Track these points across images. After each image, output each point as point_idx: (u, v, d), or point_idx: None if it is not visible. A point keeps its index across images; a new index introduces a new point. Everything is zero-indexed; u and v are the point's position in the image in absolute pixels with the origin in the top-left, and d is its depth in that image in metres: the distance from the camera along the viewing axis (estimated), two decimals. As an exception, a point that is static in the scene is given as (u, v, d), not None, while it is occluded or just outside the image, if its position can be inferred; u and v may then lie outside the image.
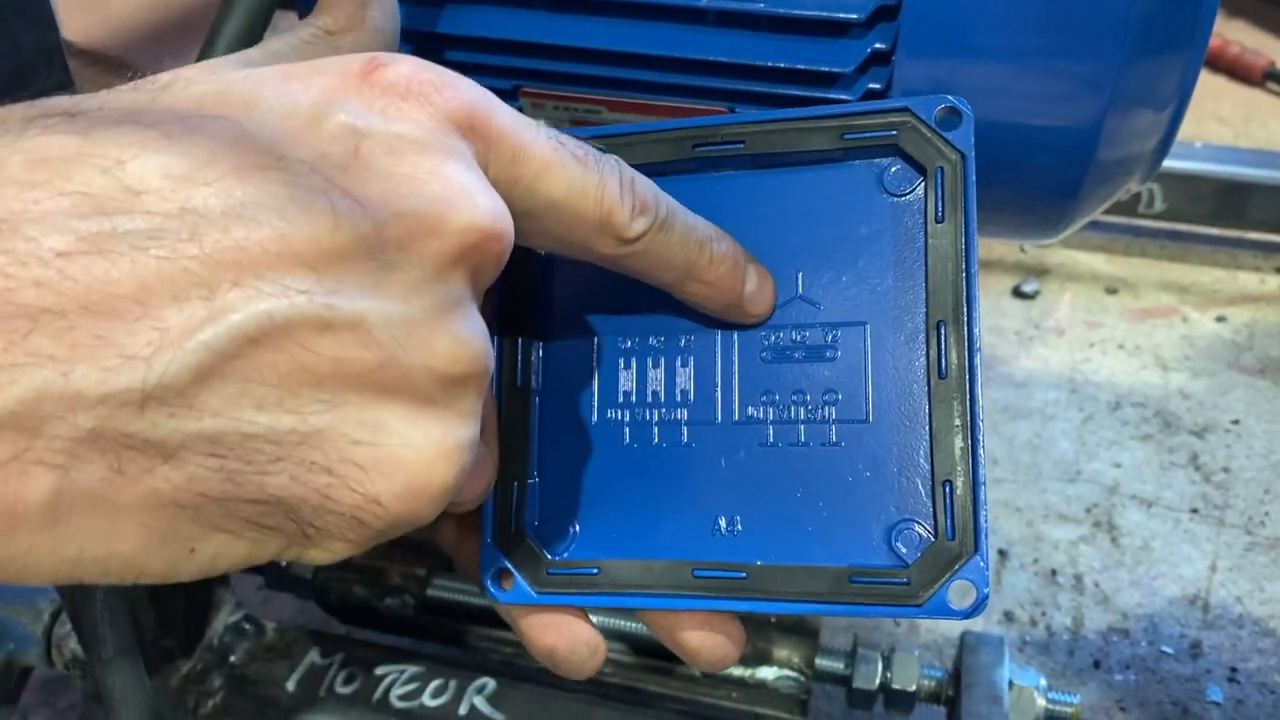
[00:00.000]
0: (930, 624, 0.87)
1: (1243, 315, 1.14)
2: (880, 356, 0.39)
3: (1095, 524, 0.94)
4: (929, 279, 0.39)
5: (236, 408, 0.25)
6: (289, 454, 0.27)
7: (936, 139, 0.39)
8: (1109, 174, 0.57)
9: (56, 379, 0.23)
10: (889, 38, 0.51)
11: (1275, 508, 0.95)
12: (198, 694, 0.67)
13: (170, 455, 0.25)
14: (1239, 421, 1.02)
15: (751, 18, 0.53)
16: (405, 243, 0.28)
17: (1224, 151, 1.20)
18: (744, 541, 0.39)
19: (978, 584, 0.36)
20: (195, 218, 0.25)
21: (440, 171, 0.29)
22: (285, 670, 0.68)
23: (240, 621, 0.70)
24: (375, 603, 0.77)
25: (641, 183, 0.35)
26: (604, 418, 0.42)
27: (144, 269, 0.24)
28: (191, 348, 0.24)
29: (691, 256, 0.37)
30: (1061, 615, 0.87)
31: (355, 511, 0.28)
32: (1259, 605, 0.87)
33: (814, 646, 0.72)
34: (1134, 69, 0.51)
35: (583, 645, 0.40)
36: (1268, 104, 1.48)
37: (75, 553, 0.25)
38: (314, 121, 0.28)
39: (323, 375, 0.26)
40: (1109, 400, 1.05)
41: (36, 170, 0.24)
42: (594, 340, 0.42)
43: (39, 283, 0.23)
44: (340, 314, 0.26)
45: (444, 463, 0.29)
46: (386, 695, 0.67)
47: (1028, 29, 0.51)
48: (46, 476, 0.24)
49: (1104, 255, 1.23)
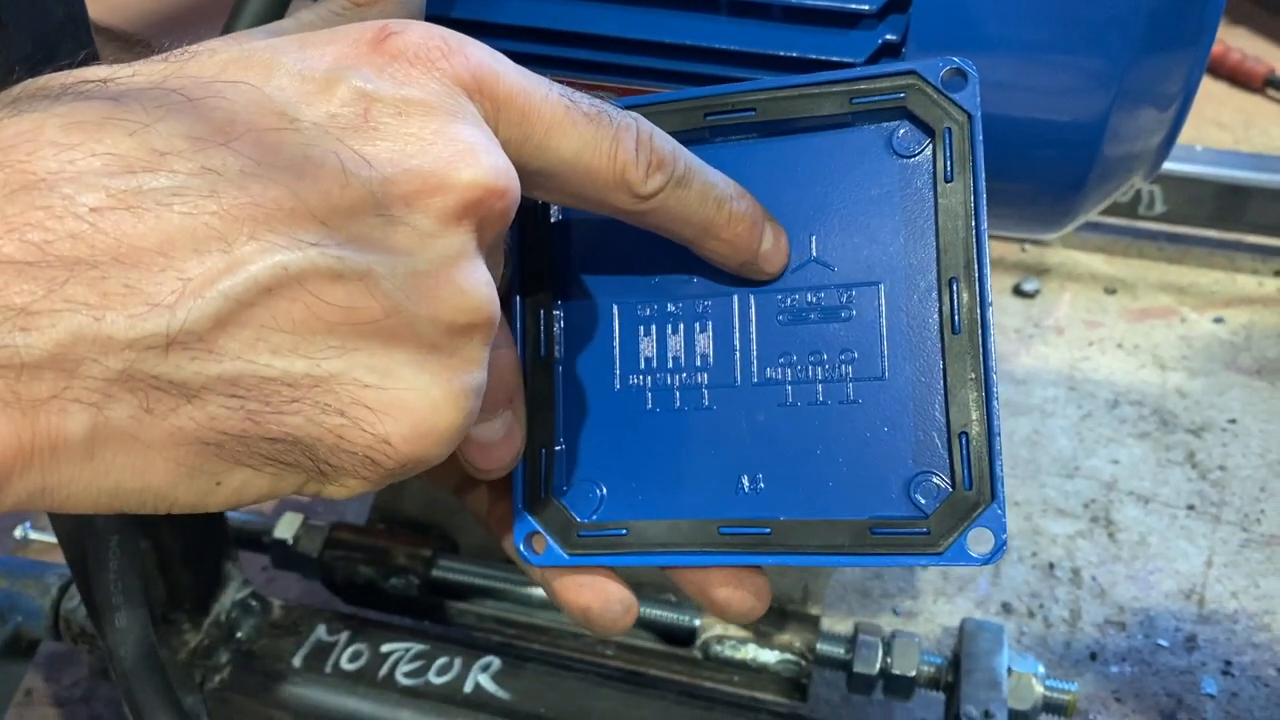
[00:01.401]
0: (931, 613, 0.87)
1: (1240, 317, 1.15)
2: (894, 315, 0.40)
3: (1093, 519, 0.95)
4: (940, 237, 0.39)
5: (253, 352, 0.27)
6: (303, 396, 0.28)
7: (943, 100, 0.40)
8: (1113, 170, 0.58)
9: (90, 324, 0.25)
10: (900, 29, 0.52)
11: (1270, 505, 0.96)
12: (205, 668, 0.67)
13: (194, 395, 0.27)
14: (1235, 421, 1.03)
15: (764, 7, 0.54)
16: (411, 199, 0.29)
17: (1224, 155, 1.21)
18: (767, 498, 0.40)
19: (995, 531, 0.37)
20: (214, 176, 0.27)
21: (446, 132, 0.30)
22: (291, 646, 0.69)
23: (247, 598, 0.70)
24: (380, 583, 0.77)
25: (660, 139, 0.36)
26: (626, 384, 0.43)
27: (168, 224, 0.26)
28: (211, 296, 0.26)
29: (710, 214, 0.38)
30: (1059, 608, 0.88)
31: (367, 451, 0.30)
32: (1253, 601, 0.88)
33: (815, 631, 0.73)
34: (1140, 66, 0.52)
35: (616, 603, 0.41)
36: (1268, 110, 1.49)
37: (113, 485, 0.27)
38: (327, 86, 0.30)
39: (333, 323, 0.28)
40: (1107, 398, 1.06)
41: (72, 132, 0.26)
42: (614, 309, 0.43)
43: (74, 236, 0.25)
44: (349, 265, 0.28)
45: (449, 407, 0.31)
46: (392, 672, 0.68)
47: (1037, 23, 0.51)
48: (83, 413, 0.26)
49: (1103, 256, 1.24)
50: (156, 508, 0.29)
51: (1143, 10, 0.50)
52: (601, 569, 0.42)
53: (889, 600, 0.89)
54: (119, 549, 0.56)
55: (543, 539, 0.41)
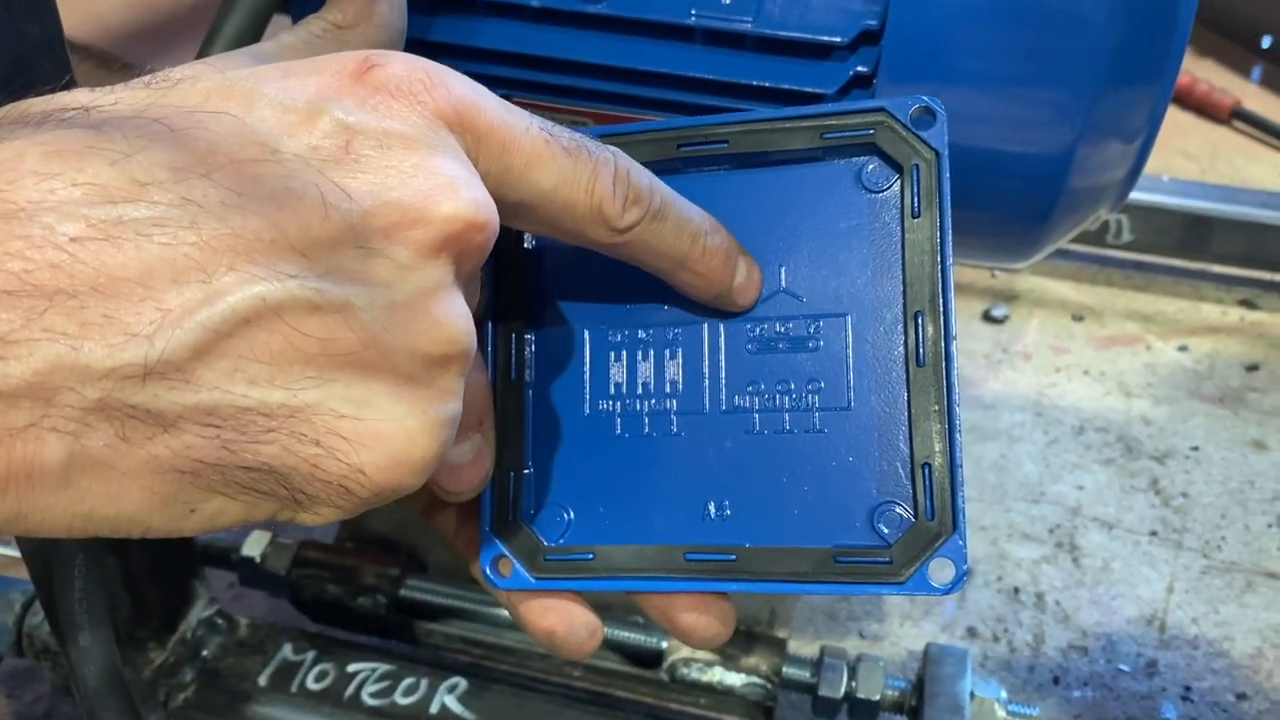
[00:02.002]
0: (897, 636, 0.88)
1: (1204, 345, 1.17)
2: (861, 346, 0.41)
3: (1058, 544, 0.96)
4: (906, 271, 0.40)
5: (230, 382, 0.27)
6: (280, 426, 0.28)
7: (912, 138, 0.41)
8: (1079, 201, 0.59)
9: (68, 353, 0.25)
10: (871, 61, 0.53)
11: (1230, 532, 0.97)
12: (169, 687, 0.67)
13: (170, 425, 0.27)
14: (1198, 448, 1.05)
15: (738, 37, 0.54)
16: (390, 231, 0.30)
17: (1190, 186, 1.23)
18: (733, 525, 0.40)
19: (956, 561, 0.37)
20: (195, 207, 0.27)
21: (426, 165, 0.30)
22: (257, 665, 0.69)
23: (214, 616, 0.70)
24: (348, 601, 0.77)
25: (637, 173, 0.37)
26: (596, 409, 0.43)
27: (147, 254, 0.26)
28: (190, 327, 0.26)
29: (685, 248, 0.39)
30: (1023, 632, 0.89)
31: (342, 481, 0.30)
32: (1213, 627, 0.89)
33: (781, 655, 0.73)
34: (1106, 100, 0.53)
35: (581, 627, 0.41)
36: (1234, 142, 1.52)
37: (87, 511, 0.27)
38: (309, 117, 0.30)
39: (311, 354, 0.28)
40: (1073, 424, 1.07)
41: (53, 162, 0.26)
42: (585, 334, 0.44)
43: (54, 266, 0.25)
44: (328, 297, 0.28)
45: (425, 437, 0.31)
46: (358, 692, 0.67)
47: (1006, 57, 0.52)
48: (59, 442, 0.26)
49: (1071, 283, 1.26)
50: (130, 533, 0.29)
51: (1108, 45, 0.51)
52: (567, 593, 0.42)
53: (855, 624, 0.90)
54: (85, 566, 0.55)
55: (509, 562, 0.42)
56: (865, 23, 0.52)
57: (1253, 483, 1.01)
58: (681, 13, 0.55)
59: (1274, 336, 1.18)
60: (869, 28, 0.52)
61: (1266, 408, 1.09)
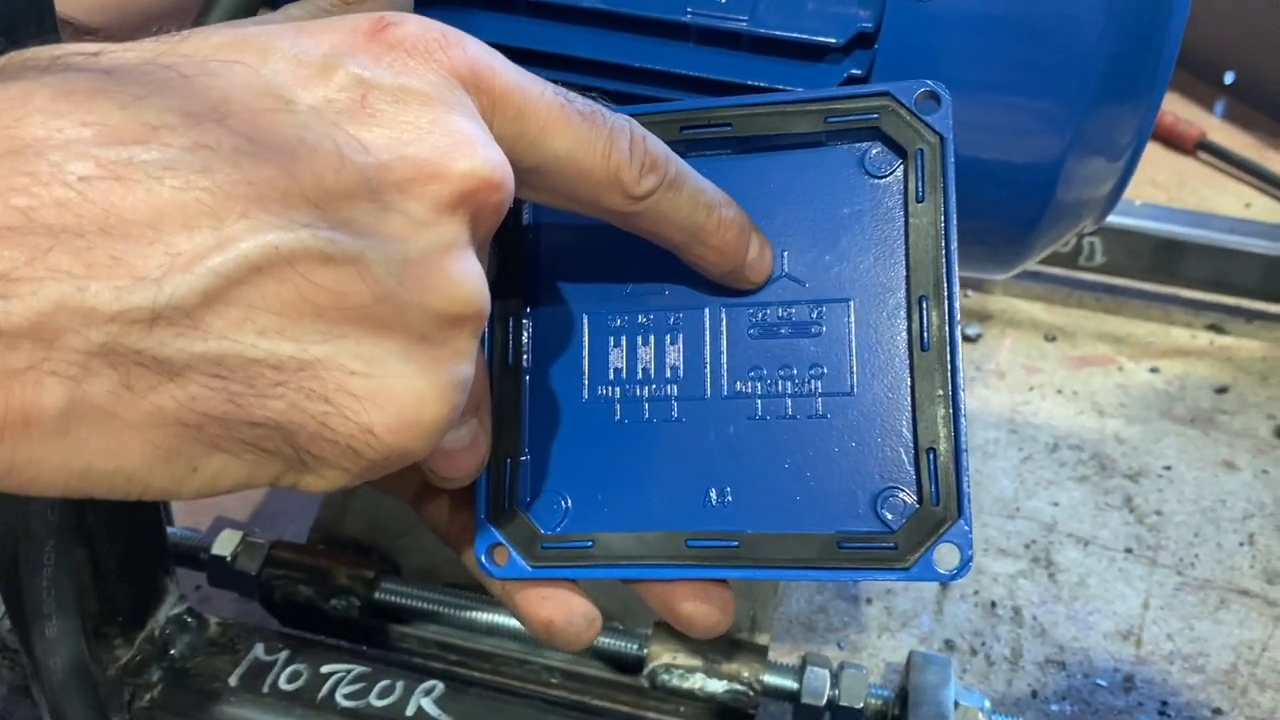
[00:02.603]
0: (875, 648, 0.87)
1: (1175, 367, 1.18)
2: (863, 331, 0.40)
3: (1034, 559, 0.96)
4: (910, 255, 0.40)
5: (239, 332, 0.27)
6: (288, 380, 0.28)
7: (916, 122, 0.41)
8: (1065, 214, 0.59)
9: (74, 294, 0.24)
10: (865, 64, 0.53)
11: (1203, 550, 0.97)
12: (134, 686, 0.65)
13: (176, 374, 0.26)
14: (1171, 467, 1.06)
15: (733, 36, 0.54)
16: (406, 185, 0.29)
17: (1162, 210, 1.25)
18: (735, 512, 0.40)
19: (962, 547, 0.37)
20: (208, 153, 0.26)
21: (443, 122, 0.30)
22: (228, 665, 0.67)
23: (183, 614, 0.68)
24: (320, 603, 0.75)
25: (652, 142, 0.36)
26: (595, 395, 0.42)
27: (158, 197, 0.25)
28: (200, 272, 0.26)
29: (699, 219, 0.38)
30: (1000, 646, 0.88)
31: (350, 441, 0.29)
32: (1188, 643, 0.89)
33: (763, 662, 0.72)
34: (1096, 113, 0.53)
35: (580, 616, 0.40)
36: (1200, 172, 1.54)
37: (84, 465, 0.26)
38: (324, 71, 0.29)
39: (322, 307, 0.28)
40: (1047, 441, 1.08)
41: (61, 102, 0.25)
42: (584, 318, 0.43)
43: (60, 203, 0.24)
44: (341, 249, 0.28)
45: (436, 399, 0.30)
46: (332, 694, 0.66)
47: (999, 66, 0.53)
48: (60, 387, 0.25)
49: (1043, 304, 1.27)
50: (128, 493, 0.28)
51: (1101, 58, 0.52)
52: (565, 582, 0.41)
53: (833, 634, 0.89)
54: (55, 554, 0.54)
55: (505, 550, 0.41)
56: (860, 25, 0.52)
57: (1224, 502, 1.02)
58: (677, 10, 0.55)
59: (1242, 360, 1.20)
60: (864, 30, 0.52)
61: (1236, 429, 1.10)
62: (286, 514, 0.95)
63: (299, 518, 0.94)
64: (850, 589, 0.91)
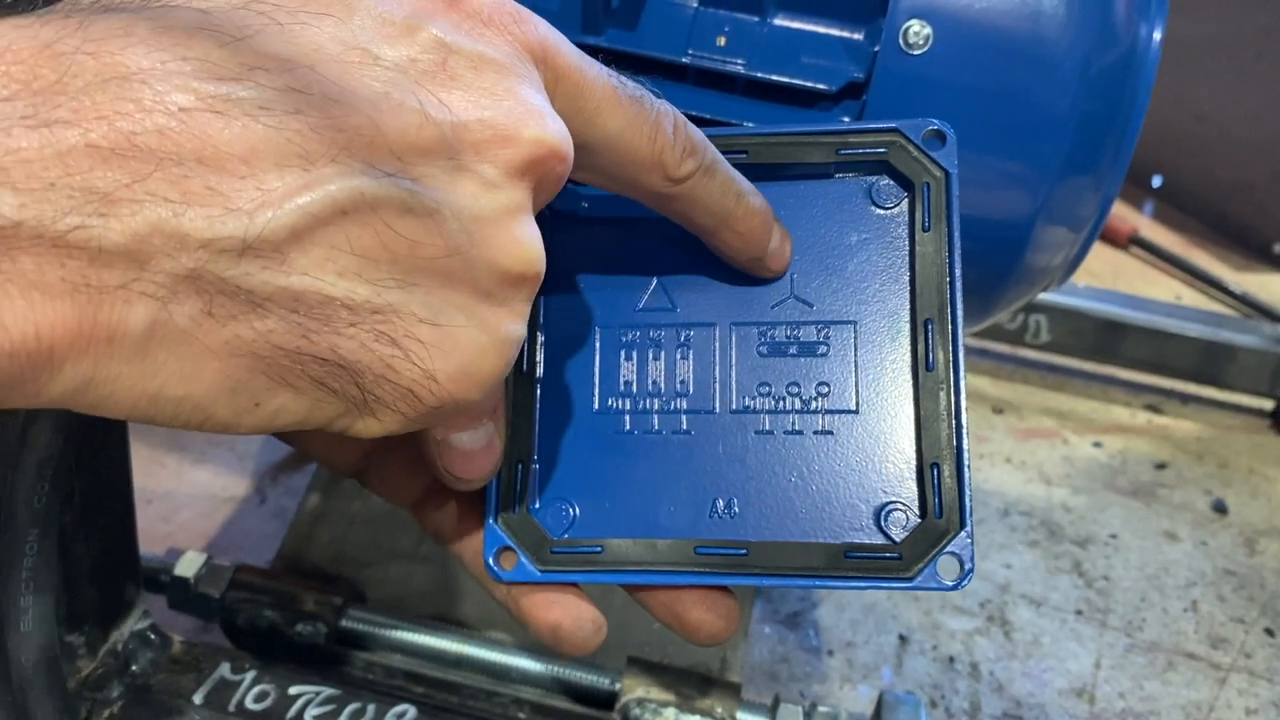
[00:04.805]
0: (837, 698, 0.87)
1: (1116, 443, 1.22)
2: (868, 352, 0.42)
3: (989, 618, 0.97)
4: (916, 281, 0.42)
5: (321, 270, 0.28)
6: (361, 321, 0.29)
7: (923, 157, 0.43)
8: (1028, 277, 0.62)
9: (170, 218, 0.25)
10: (854, 113, 0.55)
11: (1150, 615, 1.00)
12: (93, 701, 0.62)
13: (257, 305, 0.27)
14: (1116, 536, 1.08)
15: (729, 79, 0.57)
16: (481, 147, 0.30)
17: (1105, 293, 1.31)
18: (740, 523, 0.41)
19: (964, 558, 0.38)
20: (300, 96, 0.27)
21: (516, 91, 0.31)
22: (192, 683, 0.64)
23: (147, 630, 0.66)
24: (286, 629, 0.73)
25: (691, 128, 0.38)
26: (605, 405, 0.43)
27: (253, 134, 0.26)
28: (290, 209, 0.27)
29: (730, 205, 0.40)
30: (960, 699, 0.89)
31: (412, 385, 0.30)
32: (1139, 702, 0.91)
33: (737, 699, 0.72)
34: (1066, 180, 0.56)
35: (588, 621, 0.41)
36: (1133, 266, 1.62)
37: (156, 389, 0.27)
38: (408, 31, 0.31)
39: (399, 254, 0.29)
40: (999, 507, 1.10)
41: (162, 36, 0.26)
42: (597, 331, 0.44)
43: (162, 131, 0.25)
44: (421, 201, 0.29)
45: (494, 353, 0.32)
46: (301, 715, 0.64)
47: (979, 128, 0.55)
48: (146, 308, 0.25)
49: (990, 379, 1.31)
50: (189, 421, 0.28)
51: (1070, 128, 0.55)
52: (572, 587, 0.41)
53: (796, 684, 0.89)
54: (37, 544, 0.52)
55: (514, 554, 0.41)
56: (852, 75, 0.55)
57: (1168, 570, 1.05)
58: (678, 51, 0.57)
59: (1179, 439, 1.24)
60: (855, 80, 0.55)
61: (1176, 502, 1.14)
62: (242, 546, 0.92)
63: (255, 550, 0.91)
64: (812, 640, 0.91)
